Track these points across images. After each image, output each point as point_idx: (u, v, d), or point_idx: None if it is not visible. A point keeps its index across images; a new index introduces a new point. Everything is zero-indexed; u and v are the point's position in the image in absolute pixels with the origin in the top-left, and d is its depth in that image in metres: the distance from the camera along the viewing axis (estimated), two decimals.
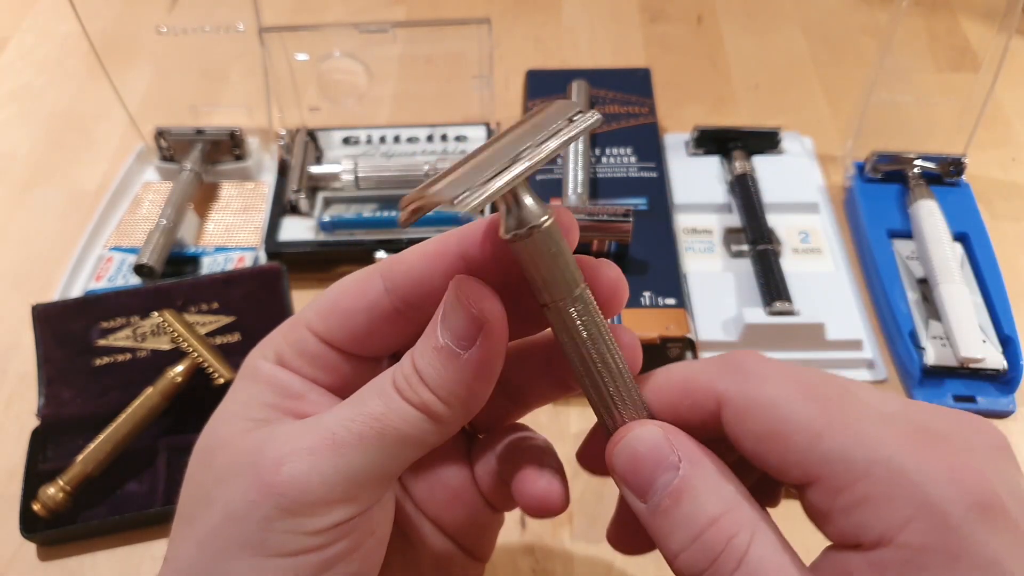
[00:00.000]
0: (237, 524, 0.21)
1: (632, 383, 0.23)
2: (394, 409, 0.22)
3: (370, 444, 0.21)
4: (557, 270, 0.21)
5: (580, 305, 0.22)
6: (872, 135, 0.53)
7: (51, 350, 0.45)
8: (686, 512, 0.21)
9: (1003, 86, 0.51)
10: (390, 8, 0.73)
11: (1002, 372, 0.44)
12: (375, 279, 0.23)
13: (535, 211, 0.21)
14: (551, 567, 0.39)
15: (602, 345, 0.22)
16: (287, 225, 0.53)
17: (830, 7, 0.71)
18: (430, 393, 0.22)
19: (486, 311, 0.21)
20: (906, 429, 0.19)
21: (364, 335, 0.23)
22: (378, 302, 0.23)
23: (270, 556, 0.21)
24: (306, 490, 0.21)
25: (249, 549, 0.21)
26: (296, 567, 0.21)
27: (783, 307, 0.46)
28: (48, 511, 0.39)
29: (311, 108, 0.57)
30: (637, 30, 0.70)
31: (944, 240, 0.48)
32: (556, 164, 0.51)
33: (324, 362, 0.24)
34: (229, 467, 0.22)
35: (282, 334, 0.24)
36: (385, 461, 0.22)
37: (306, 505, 0.21)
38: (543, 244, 0.21)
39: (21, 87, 0.67)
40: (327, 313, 0.24)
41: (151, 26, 0.55)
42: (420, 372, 0.22)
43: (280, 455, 0.21)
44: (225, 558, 0.21)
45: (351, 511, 0.21)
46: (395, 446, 0.22)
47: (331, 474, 0.21)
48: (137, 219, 0.55)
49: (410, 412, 0.22)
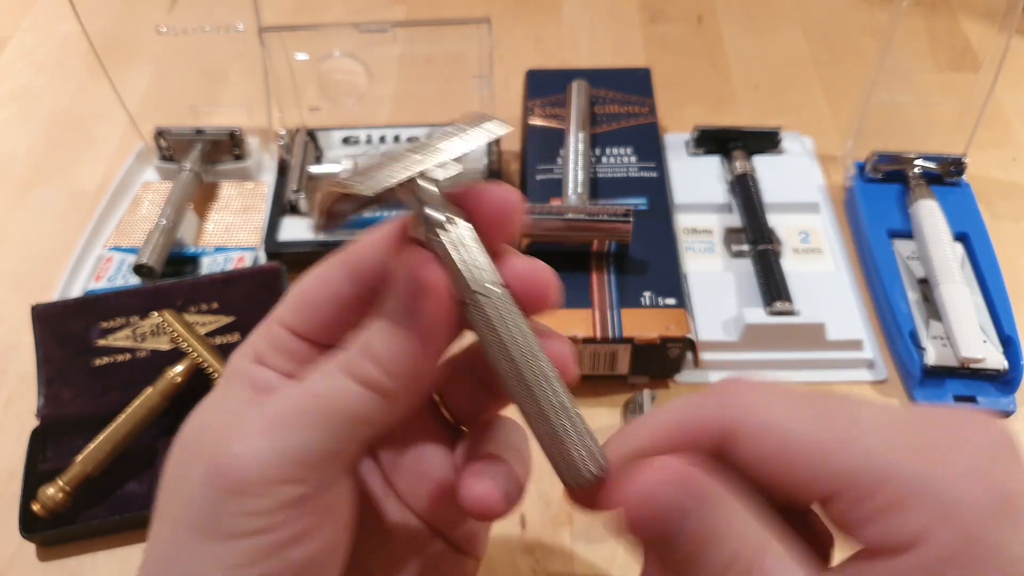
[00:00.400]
0: (194, 509, 0.21)
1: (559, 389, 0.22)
2: (335, 385, 0.22)
3: (311, 422, 0.21)
4: (463, 267, 0.21)
5: (487, 306, 0.22)
6: (872, 135, 0.53)
7: (51, 350, 0.45)
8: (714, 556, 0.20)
9: (1003, 86, 0.51)
10: (390, 8, 0.73)
11: (1003, 372, 0.44)
12: (336, 268, 0.24)
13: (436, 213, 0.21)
14: (551, 567, 0.39)
15: (516, 349, 0.22)
16: (287, 225, 0.53)
17: (830, 7, 0.71)
18: (373, 366, 0.22)
19: (429, 279, 0.21)
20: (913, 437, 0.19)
21: (331, 324, 0.24)
22: (340, 290, 0.23)
23: (223, 539, 0.21)
24: (247, 470, 0.21)
25: (204, 533, 0.21)
26: (249, 549, 0.21)
27: (783, 307, 0.46)
28: (48, 511, 0.39)
29: (311, 108, 0.57)
30: (637, 30, 0.70)
31: (944, 240, 0.48)
32: (556, 164, 0.51)
33: (298, 355, 0.24)
34: (193, 455, 0.22)
35: (258, 333, 0.25)
36: (328, 439, 0.22)
37: (248, 484, 0.21)
38: (444, 246, 0.21)
39: (21, 87, 0.67)
40: (295, 307, 0.24)
41: (151, 26, 0.55)
42: (364, 347, 0.22)
43: (228, 438, 0.21)
44: (183, 544, 0.21)
45: (297, 491, 0.21)
46: (337, 423, 0.22)
47: (271, 454, 0.21)
48: (137, 219, 0.55)
49: (351, 387, 0.22)
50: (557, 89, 0.56)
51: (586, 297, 0.44)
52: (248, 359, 0.24)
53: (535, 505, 0.41)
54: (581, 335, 0.43)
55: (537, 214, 0.45)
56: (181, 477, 0.22)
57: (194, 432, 0.23)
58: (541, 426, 0.22)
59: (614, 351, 0.44)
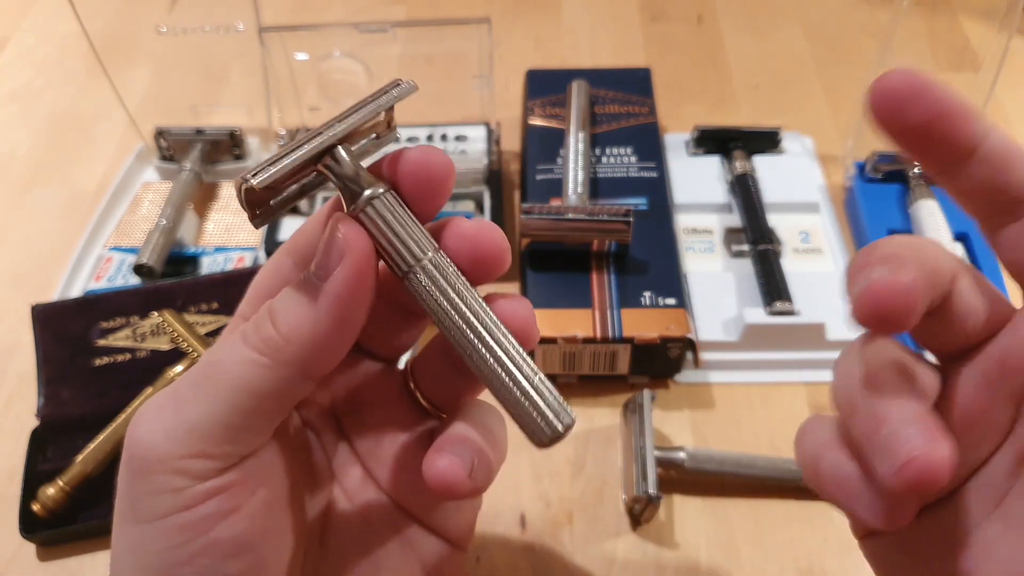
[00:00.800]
0: (122, 498, 0.22)
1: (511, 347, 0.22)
2: (231, 353, 0.21)
3: (207, 394, 0.21)
4: (393, 238, 0.21)
5: (422, 274, 0.21)
6: (872, 135, 0.53)
7: (51, 350, 0.45)
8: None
9: (1003, 86, 0.51)
10: (390, 8, 0.73)
11: None
12: (284, 257, 0.23)
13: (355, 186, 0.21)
14: (551, 567, 0.39)
15: (459, 313, 0.21)
16: (286, 225, 0.53)
17: (830, 7, 0.71)
18: (273, 331, 0.21)
19: (348, 238, 0.20)
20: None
21: None
22: (290, 279, 0.23)
23: (144, 521, 0.21)
24: (149, 447, 0.21)
25: (128, 520, 0.21)
26: (169, 530, 0.21)
27: (784, 307, 0.46)
28: (48, 511, 0.39)
29: (311, 108, 0.57)
30: (637, 30, 0.70)
31: (945, 240, 0.48)
32: (556, 164, 0.51)
33: None
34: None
35: (228, 329, 0.25)
36: (227, 412, 0.21)
37: (153, 462, 0.20)
38: (373, 219, 0.21)
39: (21, 87, 0.67)
40: (252, 300, 0.24)
41: (151, 26, 0.55)
42: (271, 310, 0.21)
43: (137, 420, 0.21)
44: (121, 532, 0.22)
45: (205, 466, 0.21)
46: (233, 393, 0.21)
47: (171, 428, 0.21)
48: (137, 219, 0.55)
49: (247, 355, 0.21)
50: (557, 89, 0.56)
51: (586, 297, 0.44)
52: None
53: (535, 505, 0.41)
54: (581, 335, 0.43)
55: (537, 214, 0.45)
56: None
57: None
58: (500, 388, 0.22)
59: (614, 351, 0.44)
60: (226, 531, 0.21)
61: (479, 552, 0.40)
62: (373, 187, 0.21)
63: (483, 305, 0.22)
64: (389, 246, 0.21)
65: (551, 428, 0.21)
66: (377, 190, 0.21)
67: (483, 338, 0.21)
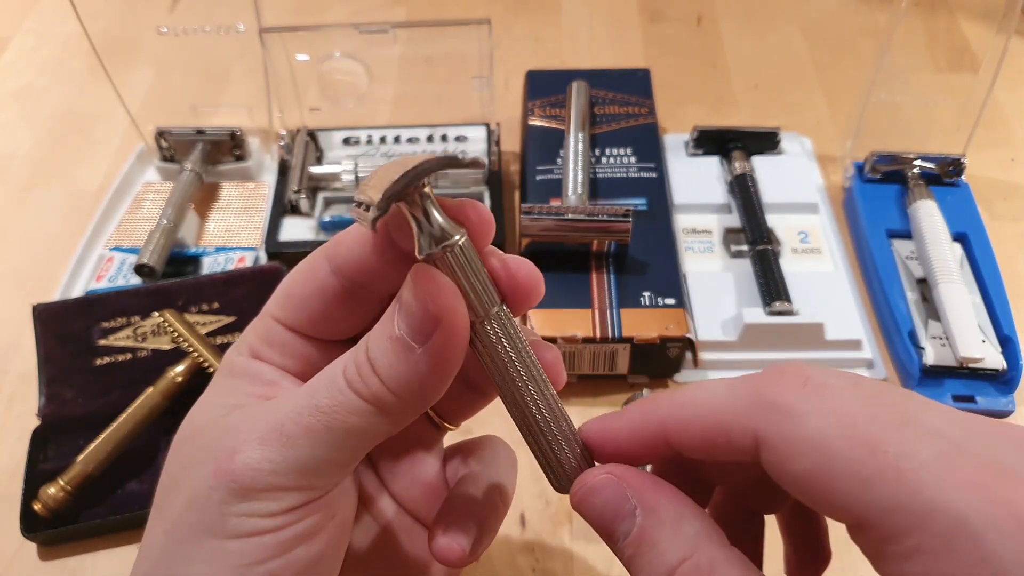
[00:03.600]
0: (198, 509, 0.21)
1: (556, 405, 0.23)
2: (342, 402, 0.21)
3: (317, 437, 0.21)
4: (472, 289, 0.21)
5: (493, 328, 0.21)
6: (871, 135, 0.53)
7: (52, 350, 0.45)
8: (646, 561, 0.21)
9: (1002, 86, 0.51)
10: (390, 8, 0.73)
11: (1001, 372, 0.44)
12: (321, 262, 0.23)
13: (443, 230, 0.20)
14: (551, 566, 0.39)
15: (520, 368, 0.22)
16: (287, 225, 0.53)
17: (830, 8, 0.72)
18: (381, 385, 0.21)
19: (443, 308, 0.20)
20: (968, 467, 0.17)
21: (321, 318, 0.24)
22: (326, 284, 0.23)
23: (228, 538, 0.21)
24: (257, 478, 0.21)
25: (209, 532, 0.21)
26: (253, 548, 0.21)
27: (782, 307, 0.46)
28: (49, 511, 0.39)
29: (311, 108, 0.57)
30: (637, 30, 0.70)
31: (943, 240, 0.48)
32: (556, 165, 0.52)
33: (291, 349, 0.24)
34: (195, 454, 0.22)
35: (252, 328, 0.25)
36: (334, 452, 0.22)
37: (257, 491, 0.21)
38: (448, 268, 0.20)
39: (22, 87, 0.68)
40: (283, 301, 0.24)
41: (152, 26, 0.55)
42: (373, 361, 0.21)
43: (234, 444, 0.21)
44: (187, 542, 0.21)
45: (303, 497, 0.22)
46: (343, 438, 0.21)
47: (280, 463, 0.21)
48: (138, 219, 0.55)
49: (358, 404, 0.21)
50: (557, 89, 0.56)
51: (586, 297, 0.45)
52: (243, 355, 0.25)
53: (535, 505, 0.41)
54: (581, 335, 0.43)
55: (537, 214, 0.45)
56: (183, 476, 0.22)
57: (195, 431, 0.23)
58: (533, 439, 0.23)
59: (614, 351, 0.44)
60: (304, 552, 0.22)
61: None
62: (453, 234, 0.20)
63: (535, 359, 0.22)
64: (468, 296, 0.21)
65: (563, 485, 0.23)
66: (456, 238, 0.20)
67: (534, 396, 0.22)
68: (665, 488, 0.22)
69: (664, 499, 0.21)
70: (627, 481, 0.22)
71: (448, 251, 0.20)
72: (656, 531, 0.21)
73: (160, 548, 0.22)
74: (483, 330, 0.21)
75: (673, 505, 0.21)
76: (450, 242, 0.20)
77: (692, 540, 0.20)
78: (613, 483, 0.22)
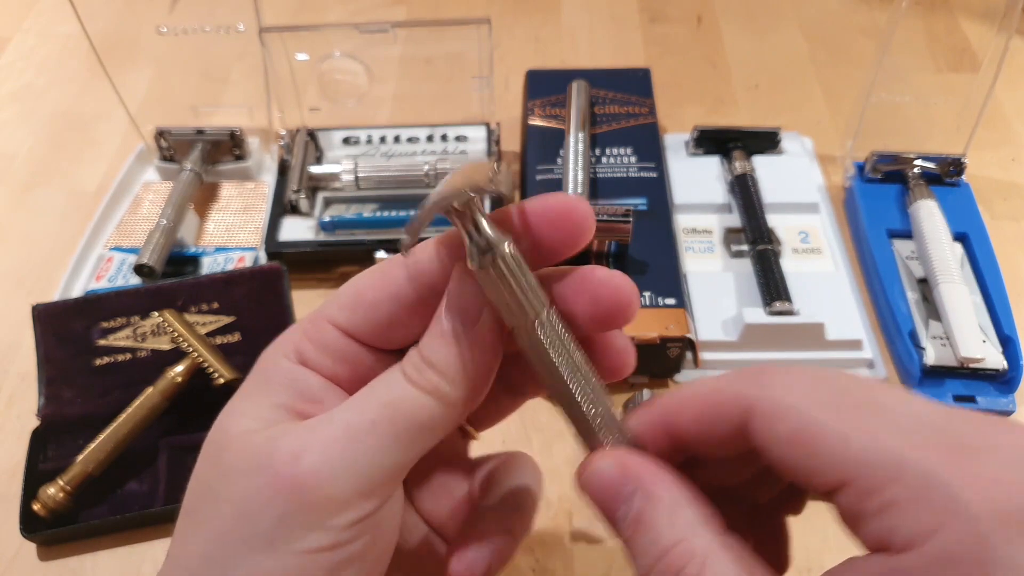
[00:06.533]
0: (250, 521, 0.21)
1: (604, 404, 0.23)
2: (404, 395, 0.22)
3: (384, 430, 0.21)
4: (513, 298, 0.21)
5: (542, 332, 0.22)
6: (872, 135, 0.53)
7: (52, 350, 0.45)
8: (643, 542, 0.21)
9: (1003, 86, 0.51)
10: (390, 8, 0.73)
11: (1002, 372, 0.44)
12: (398, 267, 0.23)
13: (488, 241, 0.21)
14: (551, 566, 0.39)
15: (566, 369, 0.22)
16: (287, 225, 0.53)
17: (830, 7, 0.72)
18: (437, 375, 0.22)
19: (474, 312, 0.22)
20: (937, 437, 0.19)
21: (387, 325, 0.23)
22: (401, 290, 0.23)
23: (283, 554, 0.21)
24: (324, 483, 0.21)
25: (261, 547, 0.21)
26: (308, 566, 0.21)
27: (783, 307, 0.46)
28: (48, 511, 0.39)
29: (311, 108, 0.57)
30: (637, 30, 0.70)
31: (944, 240, 0.48)
32: (556, 164, 0.51)
33: (347, 357, 0.24)
34: (237, 464, 0.22)
35: (302, 331, 0.24)
36: (399, 448, 0.22)
37: (324, 499, 0.21)
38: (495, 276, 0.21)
39: (22, 87, 0.68)
40: (351, 305, 0.24)
41: (151, 26, 0.55)
42: (426, 358, 0.22)
43: (296, 449, 0.21)
44: (236, 555, 0.21)
45: (368, 507, 0.21)
46: (408, 431, 0.22)
47: (348, 464, 0.21)
48: (137, 219, 0.55)
49: (419, 396, 0.22)
50: (557, 89, 0.56)
51: None
52: (289, 358, 0.24)
53: None
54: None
55: None
56: (223, 485, 0.22)
57: (231, 439, 0.22)
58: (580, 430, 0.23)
59: None
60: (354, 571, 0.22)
61: None
62: (498, 243, 0.21)
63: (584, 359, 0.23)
64: (505, 302, 0.22)
65: None
66: (502, 248, 0.21)
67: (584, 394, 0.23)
68: (666, 474, 0.22)
69: (663, 484, 0.22)
70: (629, 465, 0.22)
71: (491, 262, 0.21)
72: (653, 514, 0.21)
73: (201, 559, 0.21)
74: (527, 335, 0.22)
75: (671, 490, 0.22)
76: (493, 253, 0.21)
77: (688, 525, 0.21)
78: (616, 466, 0.22)
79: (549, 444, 0.44)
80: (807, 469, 0.20)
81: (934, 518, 0.17)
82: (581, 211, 0.22)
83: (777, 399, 0.20)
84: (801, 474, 0.20)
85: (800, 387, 0.20)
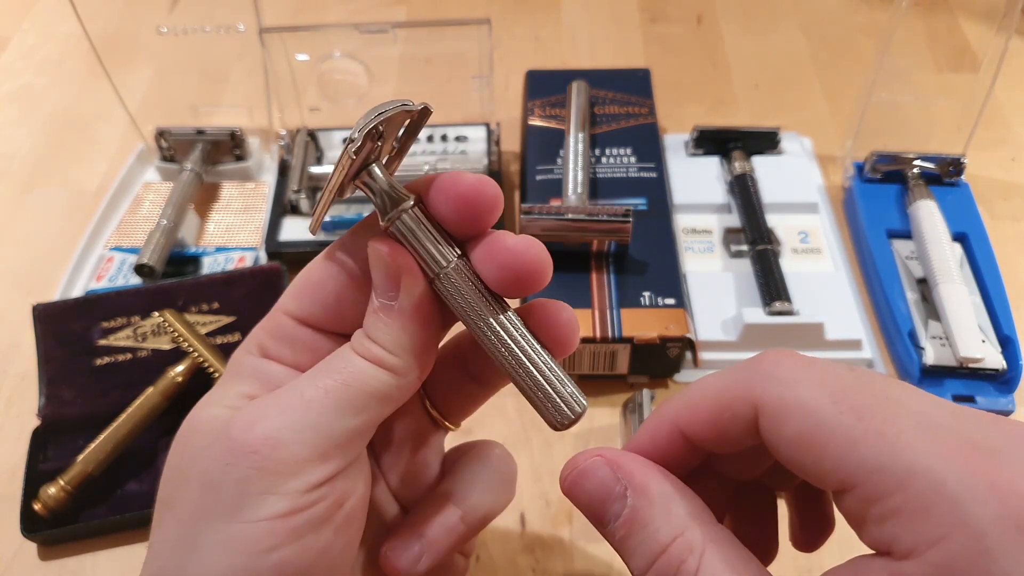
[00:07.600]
0: (213, 491, 0.21)
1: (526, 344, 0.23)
2: (354, 365, 0.23)
3: (337, 398, 0.22)
4: (420, 248, 0.23)
5: (449, 281, 0.23)
6: (871, 135, 0.53)
7: (52, 350, 0.45)
8: (638, 541, 0.21)
9: (1003, 86, 0.52)
10: (390, 8, 0.73)
11: (1001, 372, 0.44)
12: (335, 251, 0.24)
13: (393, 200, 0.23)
14: (551, 566, 0.39)
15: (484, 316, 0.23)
16: (287, 225, 0.53)
17: (830, 7, 0.72)
18: (379, 347, 0.23)
19: (399, 263, 0.23)
20: (950, 440, 0.18)
21: (336, 308, 0.24)
22: (340, 270, 0.24)
23: (244, 522, 0.21)
24: (279, 446, 0.21)
25: (223, 516, 0.21)
26: (267, 533, 0.21)
27: (783, 307, 0.46)
28: (49, 511, 0.39)
29: (311, 108, 0.57)
30: (637, 30, 0.70)
31: (943, 240, 0.48)
32: (556, 164, 0.52)
33: (306, 344, 0.24)
34: (203, 444, 0.22)
35: (261, 326, 0.25)
36: (353, 413, 0.22)
37: (281, 462, 0.21)
38: (404, 232, 0.23)
39: (22, 87, 0.68)
40: (299, 292, 0.25)
41: (151, 26, 0.55)
42: (367, 332, 0.23)
43: (252, 417, 0.22)
44: (199, 530, 0.21)
45: (325, 470, 0.22)
46: (359, 398, 0.22)
47: (303, 428, 0.21)
48: (138, 219, 0.55)
49: (367, 366, 0.23)
50: (557, 89, 0.56)
51: (586, 297, 0.44)
52: (252, 354, 0.25)
53: (535, 505, 0.41)
54: (581, 335, 0.43)
55: (537, 214, 0.45)
56: (191, 467, 0.22)
57: (199, 425, 0.23)
58: (519, 380, 0.24)
59: (614, 351, 0.44)
60: (315, 541, 0.22)
61: (479, 551, 0.40)
62: (403, 201, 0.23)
63: (504, 305, 0.24)
64: (417, 254, 0.23)
65: (562, 415, 0.23)
66: (406, 204, 0.23)
67: (501, 336, 0.23)
68: (654, 469, 0.22)
69: (654, 480, 0.22)
70: (616, 463, 0.22)
71: (394, 220, 0.23)
72: (647, 511, 0.21)
73: (172, 541, 0.22)
74: (441, 286, 0.23)
75: (662, 486, 0.22)
76: (396, 211, 0.23)
77: (683, 519, 0.21)
78: (603, 466, 0.22)
79: (549, 444, 0.44)
80: (814, 471, 0.20)
81: (938, 528, 0.17)
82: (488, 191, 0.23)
83: (783, 396, 0.20)
84: (809, 475, 0.20)
85: (808, 382, 0.20)
